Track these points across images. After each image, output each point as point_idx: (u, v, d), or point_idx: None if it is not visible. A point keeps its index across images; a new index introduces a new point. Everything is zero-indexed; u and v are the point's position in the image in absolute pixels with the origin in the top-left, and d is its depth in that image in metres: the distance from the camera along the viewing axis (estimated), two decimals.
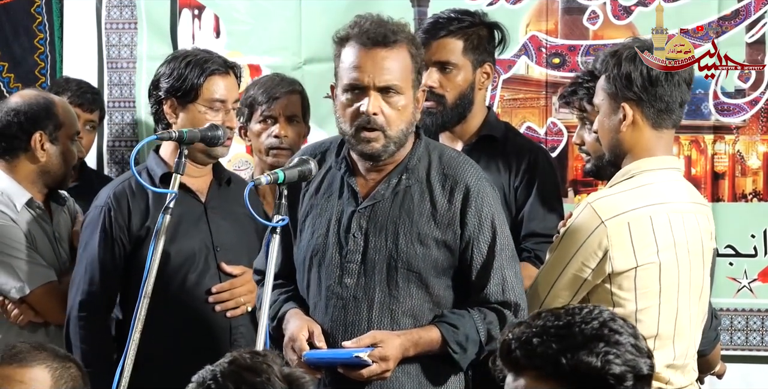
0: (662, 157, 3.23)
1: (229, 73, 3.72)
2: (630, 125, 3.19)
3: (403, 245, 3.15)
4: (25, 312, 3.85)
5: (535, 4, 4.41)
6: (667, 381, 3.18)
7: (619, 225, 3.11)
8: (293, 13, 4.65)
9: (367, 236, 3.18)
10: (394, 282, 3.15)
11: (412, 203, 3.18)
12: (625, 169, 3.21)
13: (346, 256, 3.19)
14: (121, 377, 3.15)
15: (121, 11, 4.87)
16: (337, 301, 3.18)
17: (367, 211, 3.20)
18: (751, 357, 4.29)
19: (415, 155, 3.22)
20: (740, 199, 4.26)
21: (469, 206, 3.16)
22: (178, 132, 3.36)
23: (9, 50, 4.99)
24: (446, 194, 3.18)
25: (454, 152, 3.30)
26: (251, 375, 2.07)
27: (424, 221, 3.16)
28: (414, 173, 3.20)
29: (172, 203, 3.25)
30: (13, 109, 3.89)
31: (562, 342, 2.07)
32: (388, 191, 3.20)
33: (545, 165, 3.81)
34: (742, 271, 4.22)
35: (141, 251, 3.57)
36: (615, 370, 2.06)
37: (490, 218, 3.17)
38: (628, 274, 3.12)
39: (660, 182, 3.20)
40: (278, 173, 3.10)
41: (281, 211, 3.08)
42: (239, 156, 4.69)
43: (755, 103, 4.26)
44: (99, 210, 3.67)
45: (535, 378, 2.08)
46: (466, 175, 3.19)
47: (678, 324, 3.18)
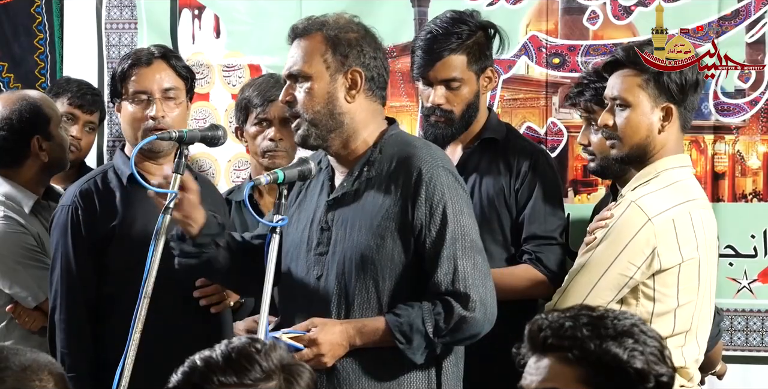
0: (679, 155, 3.29)
1: (152, 62, 3.65)
2: (669, 126, 3.23)
3: (358, 237, 3.16)
4: (37, 318, 3.86)
5: (535, 4, 4.40)
6: (690, 378, 3.21)
7: (666, 222, 3.15)
8: (293, 13, 4.64)
9: (332, 229, 3.20)
10: (350, 275, 3.16)
11: (369, 196, 3.18)
12: (649, 168, 3.24)
13: (314, 249, 3.21)
14: (122, 377, 3.14)
15: (121, 11, 4.87)
16: (305, 292, 3.21)
17: (334, 204, 3.22)
18: (751, 357, 4.29)
19: (378, 147, 3.22)
20: (740, 199, 4.26)
21: (419, 193, 3.13)
22: (178, 132, 3.35)
23: (9, 50, 4.99)
24: (401, 184, 3.16)
25: (418, 142, 3.29)
26: (246, 358, 2.07)
27: (379, 213, 3.16)
28: (375, 166, 3.20)
29: (172, 204, 3.24)
30: (7, 117, 3.89)
31: (593, 330, 2.10)
32: (351, 184, 3.21)
33: (546, 167, 3.81)
34: (742, 271, 4.22)
35: (109, 249, 3.55)
36: (638, 366, 2.08)
37: (441, 206, 3.13)
38: (673, 270, 3.16)
39: (684, 179, 3.25)
40: (278, 172, 3.11)
41: (281, 211, 3.09)
42: (239, 156, 4.69)
43: (755, 103, 4.26)
44: (66, 210, 3.61)
45: (560, 359, 2.10)
46: (419, 162, 3.16)
47: (702, 319, 3.22)
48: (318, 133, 3.19)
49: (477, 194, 3.79)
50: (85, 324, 3.59)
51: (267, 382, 2.06)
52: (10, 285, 3.86)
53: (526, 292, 3.67)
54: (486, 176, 3.79)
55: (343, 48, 3.20)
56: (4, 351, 2.17)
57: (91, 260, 3.59)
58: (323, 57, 3.19)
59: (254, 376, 2.06)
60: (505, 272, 3.67)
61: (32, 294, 3.83)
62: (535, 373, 2.13)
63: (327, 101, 3.19)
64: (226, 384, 2.05)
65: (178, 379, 2.09)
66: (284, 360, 2.10)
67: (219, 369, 2.06)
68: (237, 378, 2.05)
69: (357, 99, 3.20)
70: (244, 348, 2.09)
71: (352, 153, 3.23)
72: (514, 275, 3.68)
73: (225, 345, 2.10)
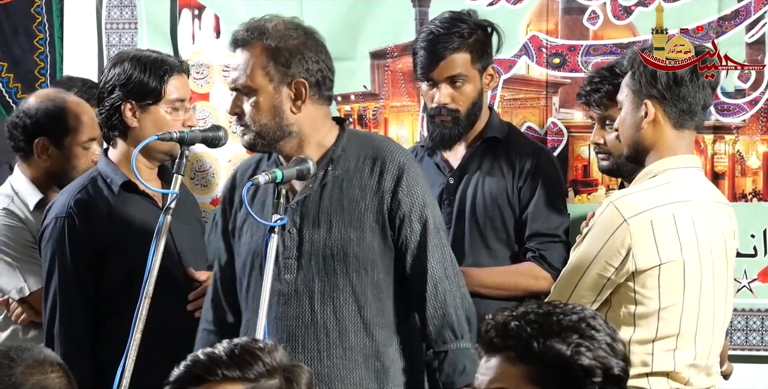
0: (684, 156, 3.25)
1: (183, 71, 3.73)
2: (651, 123, 3.20)
3: (336, 233, 3.18)
4: (26, 312, 3.86)
5: (535, 4, 4.40)
6: (687, 382, 3.18)
7: (642, 223, 3.12)
8: (293, 13, 4.60)
9: (301, 231, 3.22)
10: (332, 270, 3.18)
11: (341, 192, 3.21)
12: (648, 168, 3.22)
13: (283, 253, 3.21)
14: (122, 378, 3.14)
15: (121, 11, 4.87)
16: (279, 297, 3.21)
17: (299, 206, 3.23)
18: (751, 357, 4.29)
19: (339, 146, 3.25)
20: (740, 199, 4.26)
21: (400, 185, 3.19)
22: (178, 133, 3.36)
23: (9, 50, 4.99)
24: (375, 177, 3.20)
25: (382, 138, 3.38)
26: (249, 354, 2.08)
27: (354, 207, 3.19)
28: (339, 164, 3.23)
29: (173, 204, 3.24)
30: (23, 111, 3.93)
31: (537, 328, 2.12)
32: (316, 184, 3.23)
33: (548, 166, 3.82)
34: (742, 271, 4.22)
35: (109, 259, 3.53)
36: (583, 362, 2.10)
37: (421, 197, 3.21)
38: (652, 272, 3.13)
39: (683, 180, 3.21)
40: (276, 172, 3.12)
41: (280, 210, 3.10)
42: (239, 156, 4.68)
43: (755, 103, 4.26)
44: (61, 222, 3.57)
45: (506, 359, 2.13)
46: (395, 156, 3.23)
47: (700, 323, 3.19)
48: (265, 143, 3.24)
49: (480, 192, 3.80)
50: (84, 336, 3.57)
51: (269, 379, 2.07)
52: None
53: (530, 289, 3.68)
54: (489, 175, 3.80)
55: (284, 58, 3.20)
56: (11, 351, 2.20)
57: (90, 272, 3.56)
58: (265, 70, 3.20)
59: (257, 371, 2.07)
60: (509, 270, 3.68)
61: (17, 287, 3.82)
62: (485, 373, 2.16)
63: (273, 114, 3.21)
64: (229, 377, 2.06)
65: (180, 372, 2.09)
66: (285, 361, 2.11)
67: (223, 362, 2.07)
68: (240, 371, 2.06)
69: (303, 109, 3.23)
70: (247, 345, 2.11)
71: (316, 154, 3.24)
72: (518, 273, 3.70)
73: (228, 343, 2.11)
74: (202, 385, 2.06)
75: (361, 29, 4.56)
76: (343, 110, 4.58)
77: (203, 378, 2.06)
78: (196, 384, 2.06)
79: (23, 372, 2.22)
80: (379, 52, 4.55)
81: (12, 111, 4.45)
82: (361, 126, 4.59)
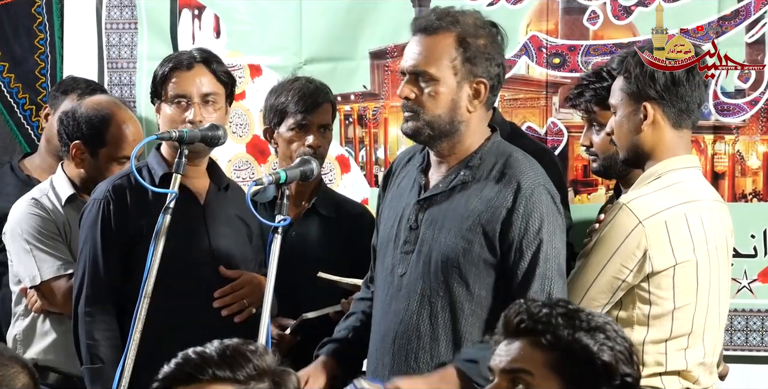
0: (685, 156, 3.25)
1: (192, 66, 3.67)
2: (650, 125, 3.20)
3: (446, 239, 3.11)
4: (40, 300, 3.90)
5: (535, 4, 4.41)
6: (695, 381, 3.19)
7: (657, 225, 3.12)
8: (293, 13, 4.65)
9: (420, 228, 3.16)
10: (435, 275, 3.11)
11: (464, 199, 3.13)
12: (652, 170, 3.22)
13: (401, 247, 3.18)
14: (122, 377, 3.14)
15: (121, 11, 4.87)
16: (389, 290, 3.18)
17: (425, 204, 3.18)
18: (751, 357, 4.29)
19: (480, 153, 3.17)
20: (740, 199, 4.26)
21: (517, 207, 3.08)
22: (178, 132, 3.36)
23: (9, 50, 4.99)
24: (498, 193, 3.11)
25: (523, 156, 3.21)
26: (241, 356, 2.09)
27: (470, 217, 3.11)
28: (473, 170, 3.16)
29: (173, 203, 3.24)
30: (72, 111, 3.97)
31: (568, 320, 2.16)
32: (446, 185, 3.17)
33: (551, 166, 3.81)
34: (742, 271, 4.22)
35: (138, 247, 3.52)
36: (607, 359, 2.13)
37: (537, 224, 3.08)
38: (667, 272, 3.13)
39: (687, 180, 3.22)
40: (280, 173, 3.11)
41: (283, 211, 3.09)
42: (239, 156, 4.68)
43: (755, 103, 4.26)
44: (97, 204, 3.62)
45: (531, 343, 2.16)
46: (522, 176, 3.12)
47: (708, 321, 3.20)
48: (432, 134, 3.14)
49: None
50: (110, 316, 3.58)
51: (258, 382, 2.07)
52: (17, 263, 3.91)
53: None
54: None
55: (473, 56, 3.12)
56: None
57: (118, 255, 3.58)
58: (452, 63, 3.12)
59: (247, 373, 2.07)
60: None
61: (30, 275, 3.85)
62: (505, 354, 2.18)
63: (450, 108, 3.13)
64: (220, 377, 2.06)
65: (170, 369, 2.09)
66: (274, 365, 2.11)
67: (214, 362, 2.07)
68: (231, 372, 2.06)
69: (477, 109, 3.16)
70: (239, 347, 2.11)
71: (455, 156, 3.18)
72: None
73: (219, 343, 2.11)
74: (192, 384, 2.06)
75: (361, 29, 4.56)
76: (343, 109, 4.58)
77: (194, 376, 2.06)
78: (186, 383, 2.06)
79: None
80: (379, 52, 4.56)
81: (13, 111, 4.48)
82: (361, 126, 4.60)
